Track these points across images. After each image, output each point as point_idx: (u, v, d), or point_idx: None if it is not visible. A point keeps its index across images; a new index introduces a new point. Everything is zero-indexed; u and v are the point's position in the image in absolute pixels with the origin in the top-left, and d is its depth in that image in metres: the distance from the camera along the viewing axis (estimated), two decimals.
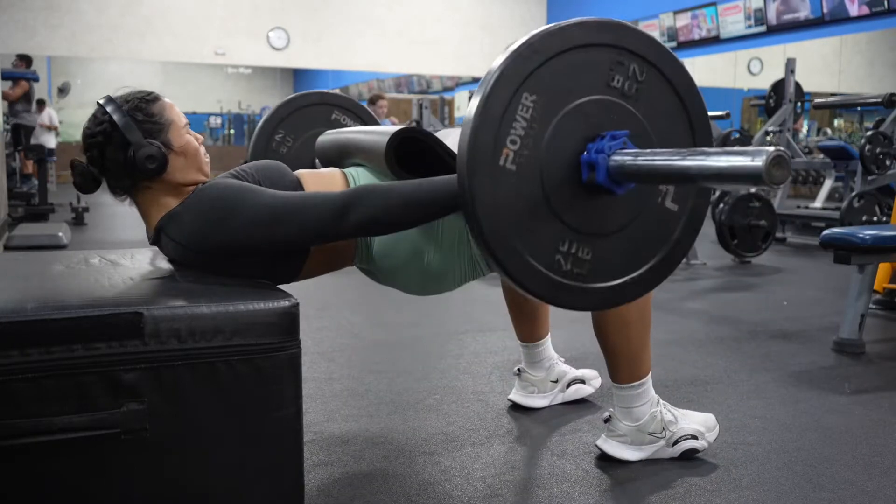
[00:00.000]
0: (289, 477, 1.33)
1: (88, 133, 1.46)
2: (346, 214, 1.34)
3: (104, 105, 1.46)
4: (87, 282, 1.41)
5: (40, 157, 7.37)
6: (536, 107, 1.15)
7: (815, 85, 9.45)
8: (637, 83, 1.22)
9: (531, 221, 1.18)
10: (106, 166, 1.46)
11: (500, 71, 1.14)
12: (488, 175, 1.13)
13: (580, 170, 1.20)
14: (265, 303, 1.29)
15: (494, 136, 1.13)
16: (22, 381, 1.15)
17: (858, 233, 2.66)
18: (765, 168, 0.95)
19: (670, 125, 1.26)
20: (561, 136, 1.18)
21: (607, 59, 1.20)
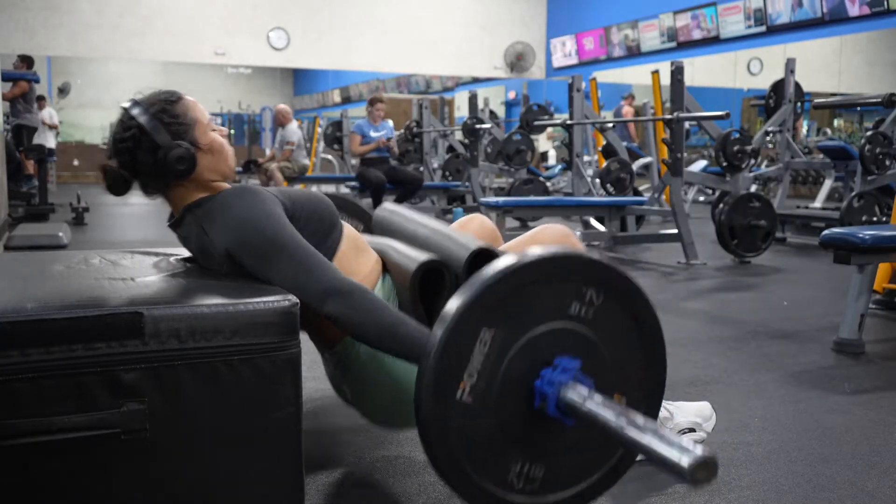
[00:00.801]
0: (289, 477, 1.33)
1: (118, 139, 1.48)
2: (329, 298, 1.34)
3: (130, 109, 1.47)
4: (87, 282, 1.41)
5: (40, 157, 7.37)
6: (494, 340, 1.18)
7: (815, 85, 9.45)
8: (593, 307, 1.25)
9: (484, 449, 1.21)
10: (137, 169, 1.49)
11: (463, 308, 1.15)
12: (444, 407, 1.17)
13: (533, 397, 1.22)
14: (265, 302, 1.29)
15: (452, 370, 1.16)
16: (22, 381, 1.15)
17: (858, 233, 2.66)
18: (689, 470, 0.95)
19: (624, 346, 1.29)
20: (516, 365, 1.20)
21: (567, 290, 1.23)
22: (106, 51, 12.08)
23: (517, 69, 13.76)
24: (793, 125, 6.35)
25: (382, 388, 1.51)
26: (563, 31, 13.23)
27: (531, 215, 6.88)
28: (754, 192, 5.56)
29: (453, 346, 1.16)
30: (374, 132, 7.29)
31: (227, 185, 1.55)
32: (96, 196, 10.58)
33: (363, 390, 1.55)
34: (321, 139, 11.14)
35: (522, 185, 7.19)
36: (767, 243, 4.93)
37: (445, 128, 9.14)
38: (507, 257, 1.20)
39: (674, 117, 4.75)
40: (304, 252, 1.39)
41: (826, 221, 5.46)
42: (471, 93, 8.10)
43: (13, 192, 7.07)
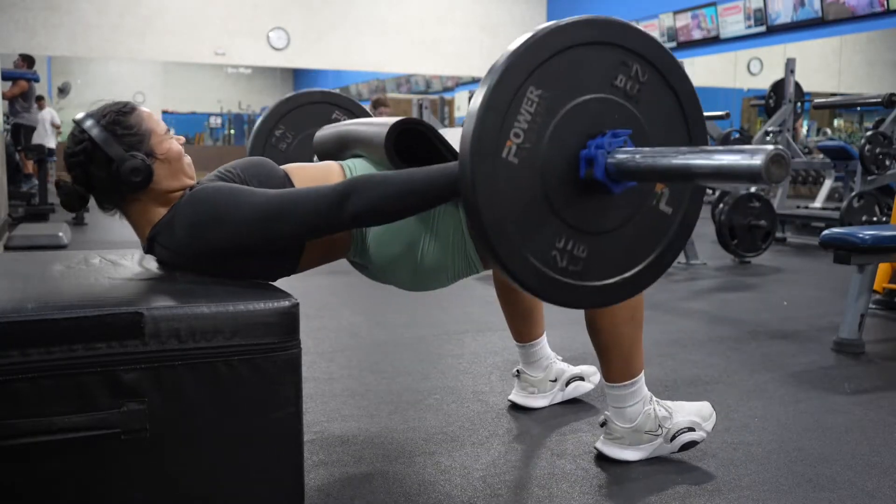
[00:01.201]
0: (289, 477, 1.33)
1: (69, 153, 1.44)
2: (343, 205, 1.34)
3: (81, 122, 1.44)
4: (87, 282, 1.41)
5: (40, 157, 7.37)
6: (541, 101, 1.16)
7: (815, 85, 9.45)
8: (639, 84, 1.23)
9: (530, 216, 1.18)
10: (92, 184, 1.45)
11: (508, 62, 1.14)
12: (491, 166, 1.14)
13: (580, 166, 1.21)
14: (265, 303, 1.29)
15: (499, 127, 1.13)
16: (22, 381, 1.15)
17: (858, 233, 2.66)
18: (764, 166, 0.95)
19: (668, 129, 1.27)
20: (563, 131, 1.18)
21: (612, 59, 1.21)
22: (106, 51, 12.08)
23: None
24: (793, 125, 6.35)
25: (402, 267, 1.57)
26: None
27: None
28: (754, 192, 5.56)
29: (500, 101, 1.12)
30: None
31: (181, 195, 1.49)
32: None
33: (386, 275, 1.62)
34: None
35: None
36: (767, 243, 4.93)
37: (445, 128, 9.14)
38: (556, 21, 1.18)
39: None
40: (290, 194, 1.38)
41: (826, 221, 5.45)
42: (471, 93, 8.10)
43: (13, 193, 7.07)
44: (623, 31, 1.22)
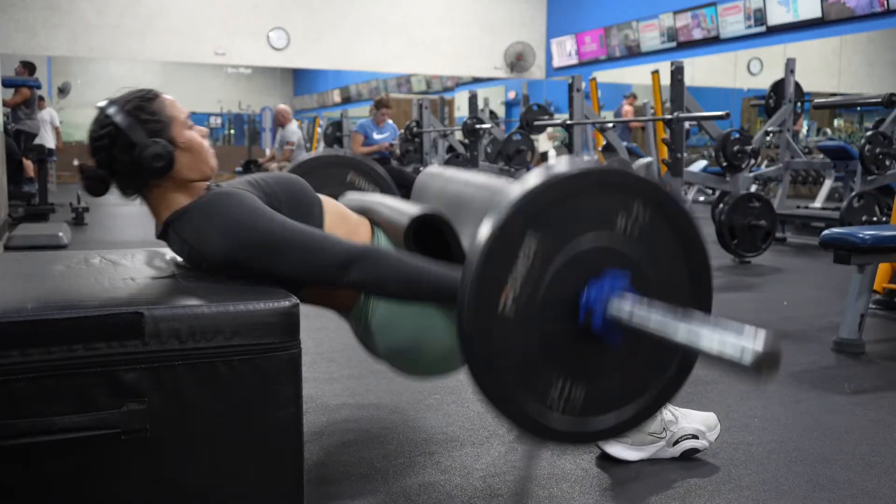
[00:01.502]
0: (289, 477, 1.33)
1: (94, 137, 1.45)
2: (347, 268, 1.36)
3: (105, 108, 1.45)
4: (87, 282, 1.41)
5: (40, 157, 7.37)
6: (539, 250, 1.14)
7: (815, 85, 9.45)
8: (639, 224, 1.21)
9: (527, 367, 1.18)
10: (114, 168, 1.46)
11: (509, 211, 1.12)
12: (486, 319, 1.13)
13: (578, 312, 1.19)
14: (265, 303, 1.29)
15: (497, 277, 1.12)
16: (22, 381, 1.15)
17: (858, 233, 2.66)
18: (755, 362, 0.93)
19: (669, 270, 1.25)
20: (561, 278, 1.17)
21: (614, 202, 1.20)
22: (106, 51, 12.08)
23: (517, 69, 13.76)
24: (793, 125, 6.35)
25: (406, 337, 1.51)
26: (563, 31, 13.23)
27: None
28: (754, 192, 5.56)
29: (497, 254, 1.11)
30: (378, 134, 7.27)
31: (205, 186, 1.52)
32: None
33: (389, 343, 1.54)
34: (321, 139, 11.14)
35: None
36: (767, 243, 4.93)
37: (445, 128, 9.14)
38: (556, 164, 1.16)
39: (674, 117, 4.75)
40: (304, 235, 1.39)
41: (826, 221, 5.45)
42: (471, 93, 8.10)
43: (13, 192, 7.07)
44: (623, 177, 1.20)
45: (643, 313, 1.11)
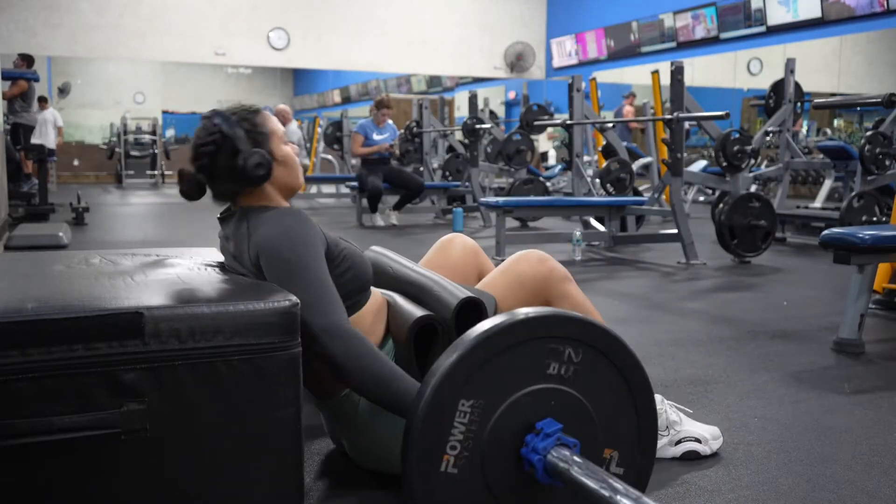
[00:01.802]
0: (288, 477, 1.33)
1: (200, 143, 1.53)
2: (328, 336, 1.37)
3: (212, 117, 1.54)
4: (87, 282, 1.41)
5: (40, 158, 7.37)
6: (474, 410, 1.17)
7: (815, 85, 9.45)
8: (573, 365, 1.23)
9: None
10: (215, 174, 1.54)
11: (437, 385, 1.15)
12: (430, 481, 1.16)
13: (521, 461, 1.21)
14: (265, 302, 1.29)
15: (435, 445, 1.16)
16: (22, 381, 1.15)
17: (858, 233, 2.66)
18: None
19: (610, 399, 1.27)
20: (499, 433, 1.19)
21: (540, 351, 1.21)
22: (106, 51, 12.08)
23: (517, 69, 13.76)
24: (793, 125, 6.35)
25: (379, 444, 1.51)
26: (563, 31, 13.23)
27: (531, 215, 6.88)
28: (754, 192, 5.55)
29: (431, 423, 1.15)
30: (378, 134, 7.27)
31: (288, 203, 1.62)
32: (96, 196, 10.59)
33: (361, 444, 1.56)
34: (321, 139, 11.14)
35: (522, 185, 7.19)
36: (767, 243, 4.93)
37: (445, 128, 9.14)
38: (478, 327, 1.19)
39: (674, 117, 4.75)
40: (322, 285, 1.42)
41: (826, 221, 5.45)
42: (471, 93, 8.10)
43: (13, 192, 7.07)
44: (546, 324, 1.21)
45: (577, 472, 1.12)
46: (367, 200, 7.15)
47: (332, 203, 10.24)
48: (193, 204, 1.67)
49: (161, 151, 14.32)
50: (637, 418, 1.29)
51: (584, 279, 4.50)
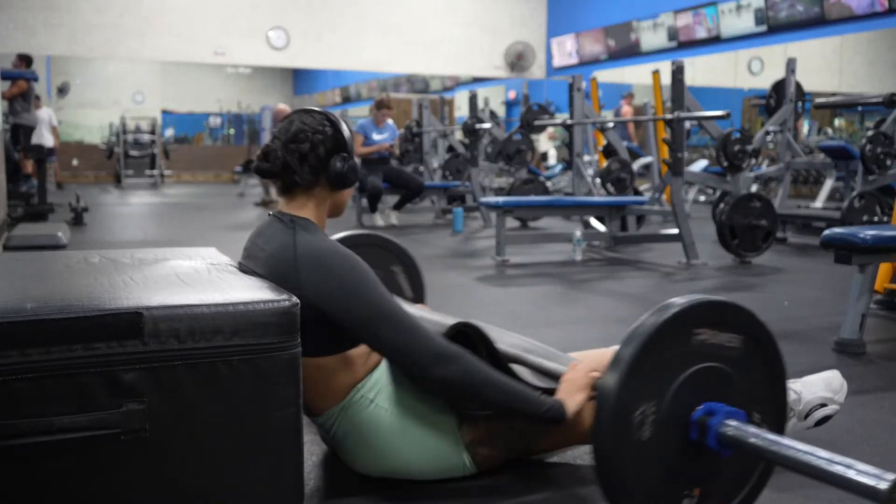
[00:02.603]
0: (288, 477, 1.33)
1: (310, 128, 1.54)
2: (439, 362, 1.42)
3: (329, 114, 1.58)
4: (86, 282, 1.40)
5: (39, 158, 7.36)
6: (652, 388, 1.32)
7: (816, 85, 9.44)
8: (728, 345, 1.41)
9: (655, 481, 1.34)
10: (308, 160, 1.54)
11: (631, 359, 1.29)
12: (620, 444, 1.30)
13: (689, 430, 1.35)
14: (265, 302, 1.29)
15: (624, 417, 1.30)
16: (22, 381, 1.15)
17: (859, 233, 2.66)
18: (885, 495, 1.08)
19: (751, 370, 1.45)
20: (673, 407, 1.34)
21: (701, 334, 1.37)
22: (106, 51, 12.07)
23: (517, 69, 13.76)
24: (793, 125, 6.34)
25: (371, 449, 1.55)
26: (563, 30, 13.22)
27: (531, 215, 6.87)
28: (755, 192, 5.55)
29: (621, 400, 1.28)
30: (378, 134, 7.26)
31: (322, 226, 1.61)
32: (96, 196, 10.59)
33: (354, 452, 1.59)
34: None
35: (522, 184, 7.19)
36: (768, 243, 4.92)
37: (445, 128, 9.13)
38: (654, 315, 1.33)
39: (674, 117, 4.75)
40: (408, 320, 1.45)
41: (827, 221, 5.45)
42: (471, 93, 8.09)
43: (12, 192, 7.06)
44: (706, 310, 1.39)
45: (760, 440, 1.29)
46: (367, 200, 7.15)
47: None
48: (193, 204, 1.67)
49: (160, 151, 14.32)
50: (771, 384, 1.50)
51: (585, 279, 4.49)
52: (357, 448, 1.57)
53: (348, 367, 1.54)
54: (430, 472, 1.57)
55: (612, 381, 1.28)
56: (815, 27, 8.72)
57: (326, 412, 1.57)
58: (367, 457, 1.57)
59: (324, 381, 1.52)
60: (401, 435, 1.53)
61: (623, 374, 1.28)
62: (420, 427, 1.54)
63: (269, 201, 8.90)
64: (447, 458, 1.56)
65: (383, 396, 1.55)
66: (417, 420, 1.54)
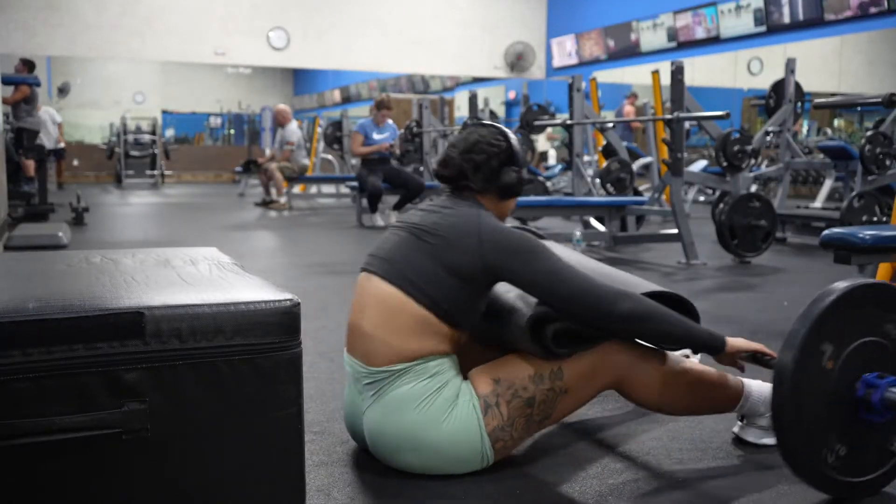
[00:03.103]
0: (289, 476, 1.33)
1: (486, 141, 1.70)
2: (619, 300, 1.56)
3: (503, 129, 1.73)
4: (88, 281, 1.41)
5: (40, 158, 7.36)
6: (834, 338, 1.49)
7: (815, 85, 9.45)
8: None
9: (818, 417, 1.47)
10: (481, 168, 1.69)
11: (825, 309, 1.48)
12: (809, 371, 1.45)
13: (858, 387, 1.50)
14: (266, 302, 1.29)
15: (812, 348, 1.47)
16: (23, 381, 1.15)
17: (858, 233, 2.66)
18: None
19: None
20: (852, 359, 1.50)
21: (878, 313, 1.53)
22: (106, 51, 12.08)
23: (517, 69, 13.76)
24: (793, 125, 6.35)
25: (394, 429, 1.58)
26: (563, 31, 13.23)
27: (531, 215, 6.87)
28: (754, 192, 5.55)
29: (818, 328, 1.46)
30: (378, 134, 7.26)
31: None
32: (96, 196, 10.59)
33: (376, 425, 1.61)
34: (321, 139, 11.13)
35: None
36: (767, 243, 4.92)
37: (445, 128, 9.14)
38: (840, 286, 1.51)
39: (674, 117, 4.75)
40: (580, 273, 1.59)
41: (826, 221, 5.45)
42: (471, 93, 8.10)
43: (13, 192, 7.06)
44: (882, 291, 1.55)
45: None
46: (367, 200, 7.15)
47: (332, 203, 10.24)
48: (194, 204, 1.68)
49: (161, 151, 14.31)
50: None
51: None
52: (390, 418, 1.58)
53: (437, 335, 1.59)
54: (451, 459, 1.59)
55: (814, 313, 1.46)
56: (814, 27, 8.72)
57: (387, 366, 1.58)
58: (394, 430, 1.58)
59: (417, 332, 1.57)
60: (435, 416, 1.56)
61: (818, 315, 1.46)
62: (450, 414, 1.57)
63: (270, 201, 8.91)
64: (471, 446, 1.58)
65: (436, 379, 1.58)
66: (448, 407, 1.57)
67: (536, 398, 1.61)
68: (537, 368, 1.62)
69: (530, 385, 1.61)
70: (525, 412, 1.61)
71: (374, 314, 1.61)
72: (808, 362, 1.46)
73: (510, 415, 1.60)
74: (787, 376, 1.44)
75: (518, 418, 1.61)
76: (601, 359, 1.65)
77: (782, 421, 1.45)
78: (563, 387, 1.63)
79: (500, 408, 1.59)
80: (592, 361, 1.65)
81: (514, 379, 1.61)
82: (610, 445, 1.84)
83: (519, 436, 1.64)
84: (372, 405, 1.61)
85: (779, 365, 1.47)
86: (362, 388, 1.64)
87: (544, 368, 1.62)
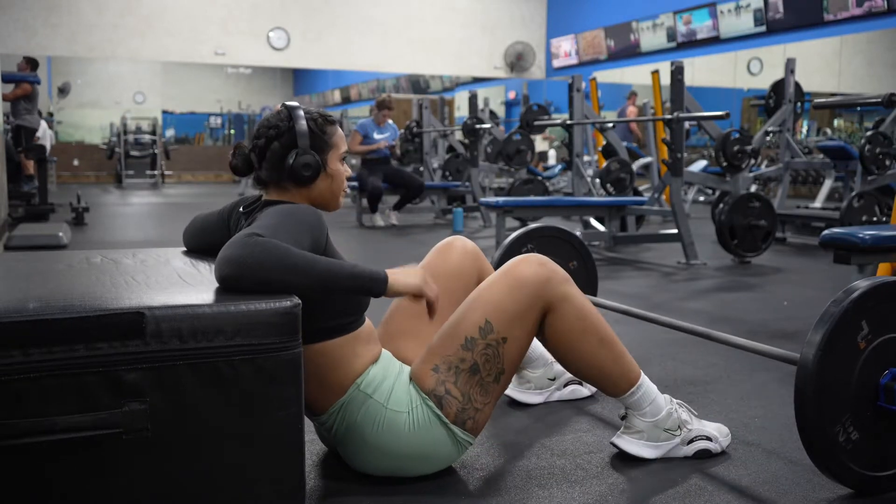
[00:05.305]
0: (290, 477, 1.33)
1: (266, 124, 1.58)
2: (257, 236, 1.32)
3: (292, 108, 1.58)
4: (88, 281, 1.41)
5: (40, 157, 7.37)
6: (871, 331, 1.55)
7: (815, 85, 9.45)
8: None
9: (837, 390, 1.52)
10: (266, 157, 1.57)
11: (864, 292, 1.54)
12: (844, 339, 1.51)
13: (881, 375, 1.55)
14: (267, 302, 1.29)
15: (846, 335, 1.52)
16: (24, 381, 1.15)
17: (858, 233, 2.66)
18: None
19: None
20: (883, 348, 1.55)
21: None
22: (106, 51, 12.08)
23: (517, 69, 13.76)
24: (793, 125, 6.35)
25: (372, 450, 1.57)
26: (563, 31, 13.23)
27: (531, 215, 6.86)
28: (754, 192, 5.56)
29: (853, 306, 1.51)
30: (378, 133, 7.26)
31: None
32: (96, 196, 10.59)
33: (354, 453, 1.60)
34: None
35: (522, 185, 7.19)
36: (767, 243, 4.93)
37: (445, 128, 9.14)
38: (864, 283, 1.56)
39: (674, 117, 4.76)
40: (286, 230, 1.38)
41: (826, 221, 5.45)
42: (471, 93, 8.10)
43: (13, 192, 7.07)
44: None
45: None
46: (367, 200, 7.15)
47: None
48: (194, 204, 1.69)
49: (161, 151, 14.32)
50: None
51: None
52: (357, 445, 1.57)
53: (352, 356, 1.55)
54: (433, 458, 1.59)
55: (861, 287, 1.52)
56: (814, 27, 8.72)
57: (328, 410, 1.57)
58: (367, 454, 1.57)
59: (328, 373, 1.53)
60: (396, 428, 1.54)
61: (864, 291, 1.51)
62: (407, 420, 1.55)
63: None
64: (443, 440, 1.57)
65: (380, 392, 1.56)
66: (403, 414, 1.55)
67: (479, 362, 1.56)
68: (465, 333, 1.56)
69: (465, 354, 1.56)
70: (475, 380, 1.56)
71: None
72: (845, 329, 1.50)
73: (463, 392, 1.56)
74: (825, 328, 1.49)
75: (471, 390, 1.56)
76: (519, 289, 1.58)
77: (805, 375, 1.50)
78: (497, 337, 1.56)
79: (451, 393, 1.55)
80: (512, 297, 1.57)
81: (449, 356, 1.56)
82: (610, 448, 1.84)
83: (483, 403, 1.58)
84: (337, 443, 1.62)
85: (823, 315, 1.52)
86: (321, 429, 1.66)
87: (471, 330, 1.56)
